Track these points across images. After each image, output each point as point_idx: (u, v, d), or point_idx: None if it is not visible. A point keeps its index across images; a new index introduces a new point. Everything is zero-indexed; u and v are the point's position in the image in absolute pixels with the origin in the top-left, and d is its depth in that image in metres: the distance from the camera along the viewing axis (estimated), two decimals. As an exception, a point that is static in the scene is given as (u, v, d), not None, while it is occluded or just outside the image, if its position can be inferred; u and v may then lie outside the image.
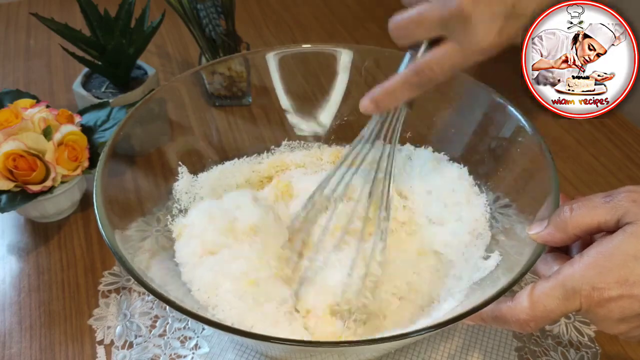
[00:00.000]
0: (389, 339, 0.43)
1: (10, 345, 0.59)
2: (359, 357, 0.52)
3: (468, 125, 0.65)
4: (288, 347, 0.49)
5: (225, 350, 0.58)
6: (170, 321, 0.61)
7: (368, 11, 1.13)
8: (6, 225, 0.72)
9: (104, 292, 0.64)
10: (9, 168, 0.61)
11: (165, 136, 0.66)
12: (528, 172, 0.57)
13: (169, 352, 0.58)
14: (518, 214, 0.55)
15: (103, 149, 0.54)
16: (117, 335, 0.59)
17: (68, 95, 0.91)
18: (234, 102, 0.79)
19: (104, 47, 0.76)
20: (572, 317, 0.61)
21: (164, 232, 0.58)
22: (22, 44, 1.04)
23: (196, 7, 0.80)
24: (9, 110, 0.64)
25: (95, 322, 0.61)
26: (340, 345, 0.46)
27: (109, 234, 0.47)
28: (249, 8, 1.14)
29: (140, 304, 0.62)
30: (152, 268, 0.51)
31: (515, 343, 0.59)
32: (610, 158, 0.81)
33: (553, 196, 0.49)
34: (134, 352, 0.58)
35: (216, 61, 0.70)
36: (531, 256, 0.46)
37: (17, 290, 0.65)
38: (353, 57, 0.69)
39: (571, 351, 0.58)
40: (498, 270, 0.51)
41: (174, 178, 0.63)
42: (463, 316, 0.43)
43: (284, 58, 0.69)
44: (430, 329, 0.43)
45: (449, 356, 0.57)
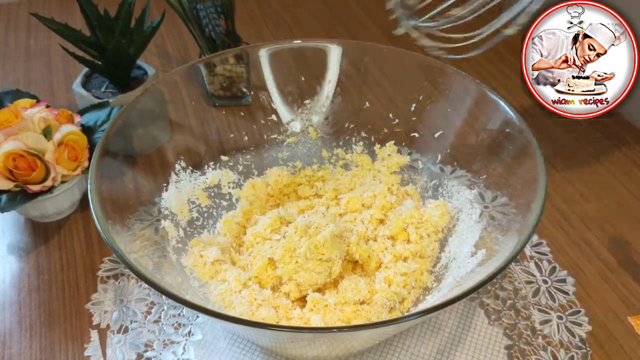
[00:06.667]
0: (372, 326, 0.45)
1: (10, 345, 0.59)
2: (346, 345, 0.53)
3: (459, 119, 0.65)
4: (276, 335, 0.49)
5: (218, 338, 0.59)
6: (165, 308, 0.62)
7: (368, 11, 1.13)
8: (6, 225, 0.72)
9: (102, 277, 0.65)
10: (9, 168, 0.61)
11: (165, 136, 0.66)
12: (517, 161, 0.57)
13: (163, 338, 0.59)
14: (508, 205, 0.56)
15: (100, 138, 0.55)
16: (113, 320, 0.61)
17: (68, 95, 0.91)
18: (233, 102, 0.79)
19: (104, 47, 0.76)
20: (565, 317, 0.61)
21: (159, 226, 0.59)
22: (22, 44, 1.04)
23: (196, 7, 0.80)
24: (9, 110, 0.65)
25: (93, 307, 0.62)
26: (315, 331, 0.47)
27: (102, 223, 0.48)
28: (249, 8, 1.14)
29: (137, 290, 0.64)
30: (146, 257, 0.52)
31: (506, 341, 0.59)
32: (610, 158, 0.81)
33: (540, 184, 0.49)
34: (128, 337, 0.59)
35: (212, 56, 0.69)
36: (512, 252, 0.47)
37: (17, 290, 0.65)
38: (348, 53, 0.69)
39: (561, 351, 0.58)
40: (481, 266, 0.52)
41: (172, 174, 0.63)
42: (440, 307, 0.44)
43: (280, 52, 0.69)
44: (413, 316, 0.45)
45: (438, 352, 0.58)
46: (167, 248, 0.58)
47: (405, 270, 0.57)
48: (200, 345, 0.58)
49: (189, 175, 0.65)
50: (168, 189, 0.62)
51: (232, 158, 0.69)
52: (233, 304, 0.54)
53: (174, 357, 0.57)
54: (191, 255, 0.59)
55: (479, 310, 0.61)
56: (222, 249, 0.61)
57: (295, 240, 0.56)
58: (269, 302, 0.55)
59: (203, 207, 0.65)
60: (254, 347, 0.58)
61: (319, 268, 0.56)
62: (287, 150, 0.71)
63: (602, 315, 0.62)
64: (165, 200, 0.62)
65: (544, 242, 0.69)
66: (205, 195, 0.66)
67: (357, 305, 0.56)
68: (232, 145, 0.70)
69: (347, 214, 0.66)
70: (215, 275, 0.58)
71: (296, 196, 0.70)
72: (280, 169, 0.70)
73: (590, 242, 0.69)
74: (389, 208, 0.65)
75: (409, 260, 0.59)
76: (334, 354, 0.54)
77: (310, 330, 0.48)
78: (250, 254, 0.61)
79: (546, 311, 0.61)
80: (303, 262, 0.55)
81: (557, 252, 0.68)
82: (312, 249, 0.55)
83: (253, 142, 0.71)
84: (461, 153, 0.64)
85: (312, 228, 0.56)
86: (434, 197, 0.66)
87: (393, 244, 0.62)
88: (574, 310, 0.62)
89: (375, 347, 0.58)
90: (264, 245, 0.60)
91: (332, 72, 0.69)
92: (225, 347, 0.58)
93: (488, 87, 0.60)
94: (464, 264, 0.56)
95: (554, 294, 0.63)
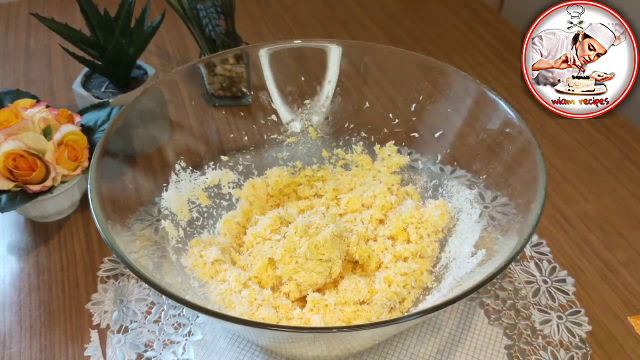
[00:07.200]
0: (372, 326, 0.45)
1: (10, 345, 0.59)
2: (346, 345, 0.53)
3: (459, 119, 0.65)
4: (276, 335, 0.49)
5: (218, 338, 0.59)
6: (165, 308, 0.62)
7: (368, 11, 1.13)
8: (6, 225, 0.72)
9: (102, 277, 0.65)
10: (9, 168, 0.61)
11: (165, 136, 0.66)
12: (517, 161, 0.57)
13: (163, 337, 0.59)
14: (508, 205, 0.56)
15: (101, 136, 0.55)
16: (113, 320, 0.61)
17: (68, 95, 0.91)
18: (233, 102, 0.79)
19: (104, 47, 0.76)
20: (565, 317, 0.61)
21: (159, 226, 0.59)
22: (22, 44, 1.04)
23: (196, 7, 0.80)
24: (9, 110, 0.65)
25: (93, 307, 0.62)
26: (315, 331, 0.47)
27: (102, 223, 0.48)
28: (249, 8, 1.14)
29: (137, 290, 0.64)
30: (146, 257, 0.52)
31: (506, 341, 0.59)
32: (609, 158, 0.81)
33: (540, 184, 0.49)
34: (128, 337, 0.59)
35: (212, 56, 0.69)
36: (512, 252, 0.47)
37: (17, 290, 0.65)
38: (348, 53, 0.69)
39: (561, 351, 0.58)
40: (481, 266, 0.52)
41: (172, 174, 0.63)
42: (440, 307, 0.44)
43: (280, 52, 0.69)
44: (413, 316, 0.44)
45: (438, 352, 0.58)
46: (167, 248, 0.58)
47: (405, 270, 0.57)
48: (200, 345, 0.58)
49: (189, 175, 0.65)
50: (168, 189, 0.62)
51: (232, 158, 0.69)
52: (233, 304, 0.54)
53: (174, 357, 0.57)
54: (191, 255, 0.59)
55: (479, 310, 0.61)
56: (222, 249, 0.61)
57: (295, 240, 0.56)
58: (269, 302, 0.55)
59: (203, 207, 0.65)
60: (254, 347, 0.58)
61: (319, 268, 0.56)
62: (287, 150, 0.71)
63: (602, 315, 0.62)
64: (165, 200, 0.62)
65: (544, 242, 0.69)
66: (205, 195, 0.66)
67: (357, 305, 0.56)
68: (232, 145, 0.70)
69: (347, 214, 0.66)
70: (215, 275, 0.58)
71: (296, 196, 0.69)
72: (280, 169, 0.70)
73: (590, 242, 0.69)
74: (389, 208, 0.65)
75: (409, 260, 0.59)
76: (334, 354, 0.54)
77: (310, 330, 0.48)
78: (250, 254, 0.61)
79: (546, 311, 0.61)
80: (303, 262, 0.55)
81: (557, 252, 0.68)
82: (312, 249, 0.55)
83: (253, 142, 0.71)
84: (461, 153, 0.64)
85: (312, 228, 0.56)
86: (434, 197, 0.66)
87: (393, 244, 0.62)
88: (574, 310, 0.62)
89: (375, 347, 0.58)
90: (264, 245, 0.60)
91: (332, 72, 0.69)
92: (225, 347, 0.58)
93: (488, 87, 0.60)
94: (464, 264, 0.56)
95: (554, 294, 0.63)
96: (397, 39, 1.04)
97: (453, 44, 1.04)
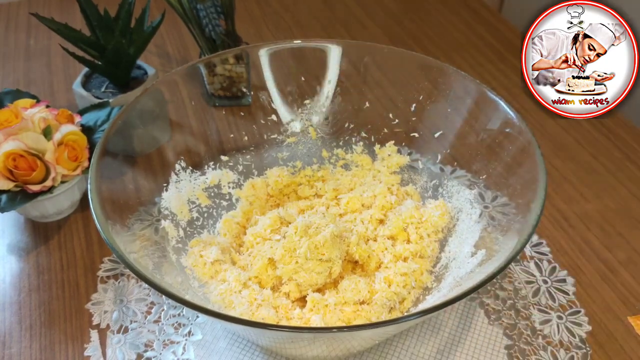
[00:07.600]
0: (372, 326, 0.45)
1: (10, 345, 0.59)
2: (346, 345, 0.53)
3: (459, 119, 0.65)
4: (276, 335, 0.49)
5: (218, 338, 0.59)
6: (165, 308, 0.62)
7: (368, 11, 1.13)
8: (6, 225, 0.72)
9: (102, 277, 0.65)
10: (9, 168, 0.61)
11: (165, 136, 0.66)
12: (517, 161, 0.57)
13: (163, 337, 0.59)
14: (508, 205, 0.56)
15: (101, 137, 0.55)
16: (113, 320, 0.61)
17: (68, 95, 0.91)
18: (233, 102, 0.79)
19: (104, 47, 0.76)
20: (565, 317, 0.61)
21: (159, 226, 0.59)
22: (22, 44, 1.04)
23: (196, 7, 0.80)
24: (9, 110, 0.65)
25: (93, 307, 0.62)
26: (316, 330, 0.47)
27: (102, 223, 0.48)
28: (249, 8, 1.14)
29: (137, 290, 0.64)
30: (146, 257, 0.52)
31: (506, 341, 0.59)
32: (609, 158, 0.81)
33: (540, 184, 0.49)
34: (128, 337, 0.59)
35: (212, 56, 0.69)
36: (511, 252, 0.47)
37: (17, 290, 0.65)
38: (348, 53, 0.69)
39: (561, 351, 0.58)
40: (481, 266, 0.52)
41: (172, 174, 0.63)
42: (440, 307, 0.44)
43: (280, 52, 0.69)
44: (413, 316, 0.45)
45: (437, 351, 0.58)
46: (167, 248, 0.58)
47: (405, 270, 0.57)
48: (200, 345, 0.58)
49: (189, 175, 0.65)
50: (168, 189, 0.62)
51: (232, 158, 0.69)
52: (233, 304, 0.54)
53: (174, 357, 0.57)
54: (191, 255, 0.59)
55: (479, 310, 0.61)
56: (222, 249, 0.61)
57: (295, 240, 0.56)
58: (269, 302, 0.55)
59: (203, 207, 0.65)
60: (254, 347, 0.58)
61: (319, 268, 0.56)
62: (287, 150, 0.71)
63: (602, 315, 0.62)
64: (165, 200, 0.62)
65: (544, 242, 0.69)
66: (205, 195, 0.66)
67: (357, 305, 0.56)
68: (232, 145, 0.70)
69: (347, 214, 0.66)
70: (215, 275, 0.58)
71: (296, 196, 0.70)
72: (280, 169, 0.70)
73: (590, 242, 0.69)
74: (389, 208, 0.65)
75: (409, 260, 0.59)
76: (334, 354, 0.54)
77: (310, 330, 0.48)
78: (250, 254, 0.61)
79: (546, 311, 0.61)
80: (303, 262, 0.55)
81: (557, 252, 0.68)
82: (312, 249, 0.55)
83: (253, 142, 0.71)
84: (461, 153, 0.64)
85: (312, 228, 0.56)
86: (434, 197, 0.66)
87: (393, 244, 0.62)
88: (574, 310, 0.62)
89: (375, 347, 0.58)
90: (264, 245, 0.60)
91: (332, 72, 0.69)
92: (225, 347, 0.58)
93: (488, 87, 0.60)
94: (464, 264, 0.56)
95: (554, 294, 0.63)
96: (397, 39, 1.04)
97: (453, 44, 1.04)
